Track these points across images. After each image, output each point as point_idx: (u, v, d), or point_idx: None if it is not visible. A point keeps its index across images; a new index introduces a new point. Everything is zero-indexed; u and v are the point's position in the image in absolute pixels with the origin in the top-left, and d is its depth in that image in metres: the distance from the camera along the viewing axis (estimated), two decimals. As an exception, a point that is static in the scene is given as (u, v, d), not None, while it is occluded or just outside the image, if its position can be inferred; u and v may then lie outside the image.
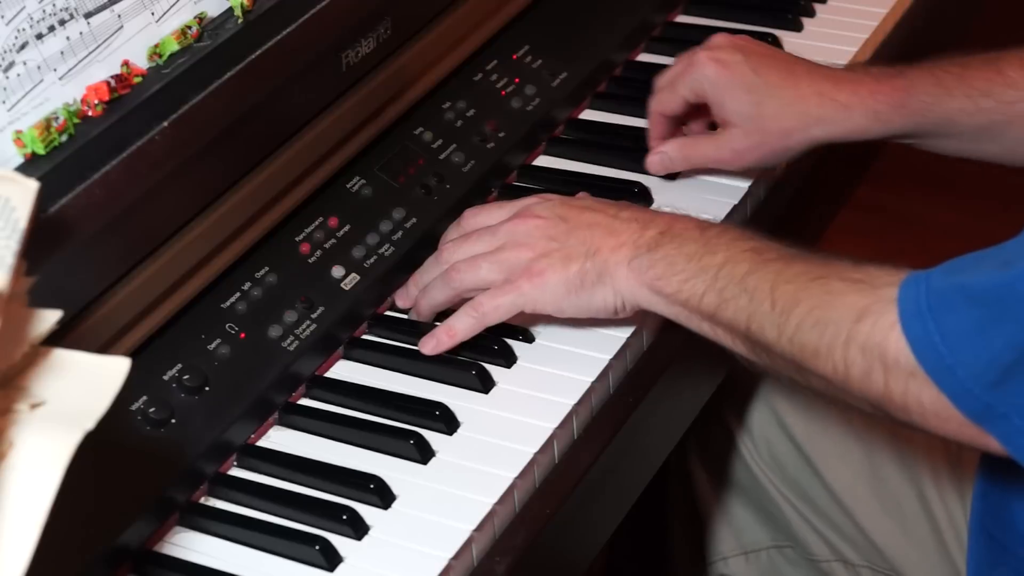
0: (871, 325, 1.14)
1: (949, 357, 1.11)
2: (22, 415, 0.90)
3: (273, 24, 1.33)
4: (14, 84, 1.18)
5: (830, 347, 1.17)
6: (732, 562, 1.71)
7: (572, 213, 1.35)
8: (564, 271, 1.32)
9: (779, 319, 1.21)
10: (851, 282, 1.18)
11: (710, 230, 1.30)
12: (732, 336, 1.27)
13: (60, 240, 1.15)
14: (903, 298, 1.14)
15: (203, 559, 1.21)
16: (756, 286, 1.23)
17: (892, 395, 1.14)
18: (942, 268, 1.15)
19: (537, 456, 1.27)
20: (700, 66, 1.49)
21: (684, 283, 1.28)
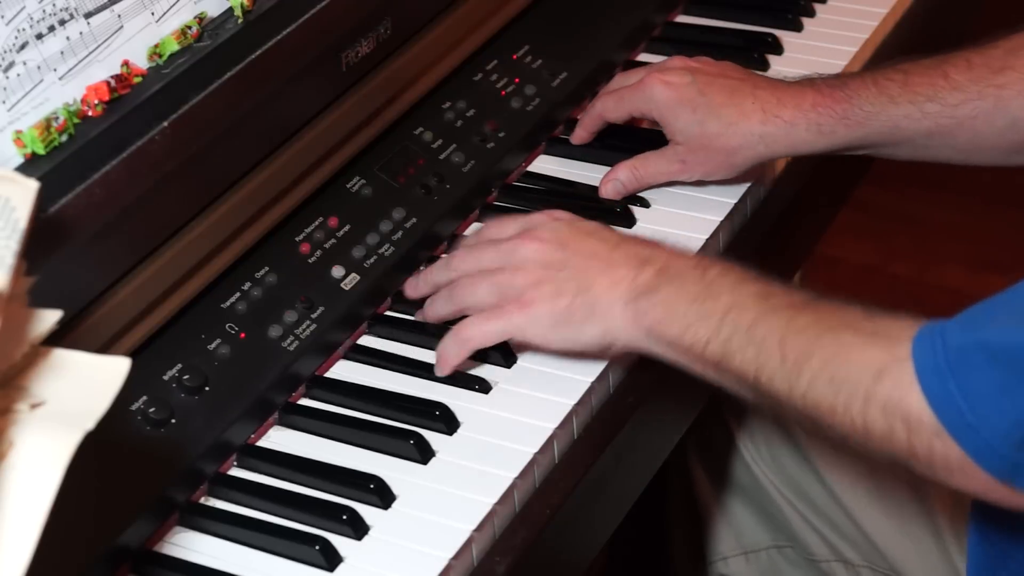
0: (891, 385, 1.12)
1: (972, 417, 1.08)
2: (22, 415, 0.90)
3: (273, 24, 1.33)
4: (14, 84, 1.18)
5: (847, 405, 1.14)
6: (732, 562, 1.71)
7: (573, 240, 1.33)
8: (553, 304, 1.30)
9: (791, 373, 1.18)
10: (865, 335, 1.15)
11: (711, 270, 1.27)
12: (739, 385, 1.24)
13: (60, 240, 1.15)
14: (919, 354, 1.11)
15: (203, 559, 1.21)
16: (764, 336, 1.20)
17: (917, 453, 1.12)
18: (957, 322, 1.12)
19: (537, 456, 1.27)
20: (648, 87, 1.51)
21: (686, 329, 1.25)
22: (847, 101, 1.46)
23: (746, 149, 1.48)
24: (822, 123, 1.46)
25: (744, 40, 1.75)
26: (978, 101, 1.44)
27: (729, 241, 1.52)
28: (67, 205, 1.16)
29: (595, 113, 1.57)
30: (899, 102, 1.45)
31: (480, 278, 1.34)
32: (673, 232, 1.49)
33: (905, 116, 1.45)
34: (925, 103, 1.45)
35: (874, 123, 1.46)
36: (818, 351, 1.17)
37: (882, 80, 1.47)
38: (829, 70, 1.68)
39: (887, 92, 1.46)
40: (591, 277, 1.30)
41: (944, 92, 1.44)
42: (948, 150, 1.48)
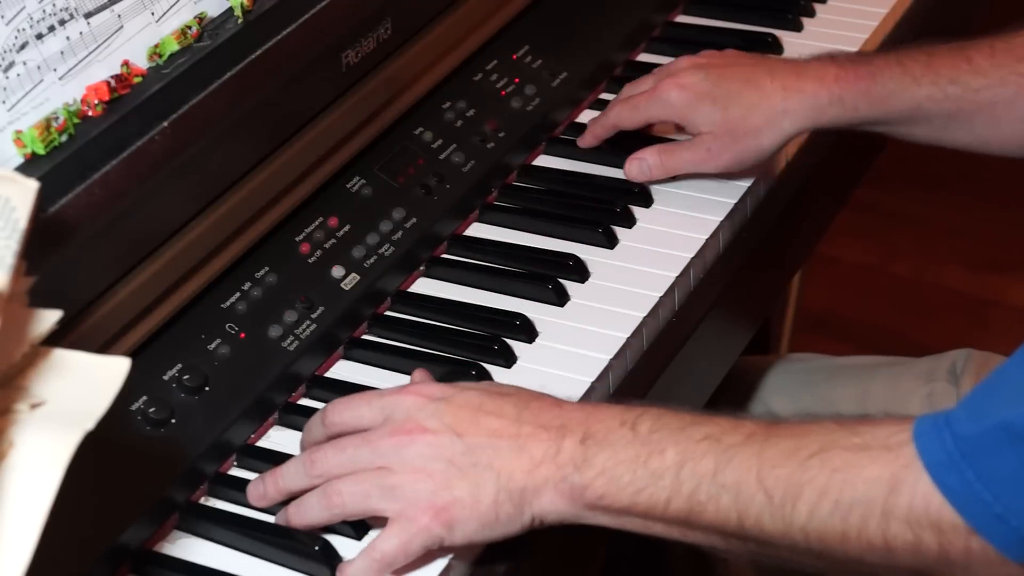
0: (909, 494, 1.04)
1: (997, 505, 1.01)
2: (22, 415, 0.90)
3: (273, 24, 1.33)
4: (14, 84, 1.18)
5: (861, 528, 1.06)
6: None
7: (465, 423, 1.16)
8: (475, 507, 1.14)
9: (782, 511, 1.08)
10: (854, 451, 1.07)
11: (641, 424, 1.14)
12: (715, 535, 1.13)
13: (60, 240, 1.15)
14: (926, 452, 1.04)
15: (203, 559, 1.21)
16: (737, 479, 1.10)
17: (951, 557, 1.04)
18: (963, 411, 1.05)
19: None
20: (663, 92, 1.51)
21: (637, 495, 1.12)
22: (870, 78, 1.46)
23: (771, 126, 1.48)
24: (844, 97, 1.46)
25: (744, 40, 1.75)
26: (999, 88, 1.45)
27: (729, 241, 1.52)
28: (67, 205, 1.16)
29: (609, 123, 1.56)
30: (922, 82, 1.46)
31: (367, 481, 1.16)
32: (673, 232, 1.49)
33: (927, 97, 1.46)
34: (948, 85, 1.45)
35: (896, 101, 1.46)
36: (808, 481, 1.08)
37: (906, 59, 1.47)
38: (829, 70, 1.69)
39: (911, 72, 1.46)
40: (506, 464, 1.15)
41: (967, 76, 1.45)
42: (966, 135, 1.49)
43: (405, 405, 1.18)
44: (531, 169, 1.60)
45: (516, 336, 1.39)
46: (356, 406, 1.21)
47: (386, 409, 1.19)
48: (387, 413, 1.19)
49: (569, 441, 1.15)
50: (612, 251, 1.49)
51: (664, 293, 1.42)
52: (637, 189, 1.54)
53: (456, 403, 1.18)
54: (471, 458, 1.15)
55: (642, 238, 1.50)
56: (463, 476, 1.15)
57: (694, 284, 1.47)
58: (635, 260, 1.47)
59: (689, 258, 1.46)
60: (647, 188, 1.54)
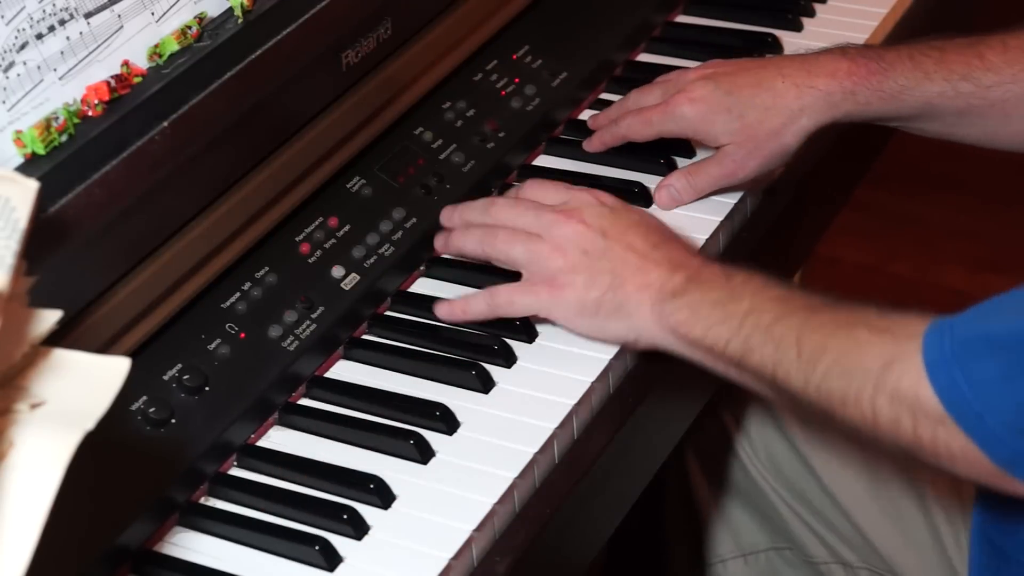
0: (899, 375, 1.15)
1: (977, 404, 1.11)
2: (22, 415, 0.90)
3: (273, 24, 1.33)
4: (14, 84, 1.18)
5: (857, 396, 1.17)
6: (730, 564, 1.71)
7: (616, 230, 1.35)
8: (584, 293, 1.33)
9: (806, 367, 1.21)
10: (877, 331, 1.18)
11: (735, 277, 1.30)
12: (758, 381, 1.27)
13: (60, 240, 1.15)
14: (928, 347, 1.14)
15: (203, 559, 1.21)
16: (782, 335, 1.23)
17: (922, 442, 1.15)
18: (966, 315, 1.15)
19: (537, 456, 1.27)
20: (676, 107, 1.51)
21: (708, 330, 1.28)
22: (882, 73, 1.47)
23: (791, 125, 1.48)
24: (857, 92, 1.47)
25: (744, 40, 1.75)
26: (1011, 84, 1.45)
27: (729, 241, 1.52)
28: (67, 205, 1.16)
29: (619, 134, 1.55)
30: (934, 78, 1.46)
31: (518, 238, 1.37)
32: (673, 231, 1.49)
33: (939, 93, 1.46)
34: (959, 81, 1.46)
35: (907, 97, 1.47)
36: (832, 346, 1.20)
37: (918, 55, 1.47)
38: (829, 70, 1.69)
39: (922, 67, 1.47)
40: (625, 275, 1.33)
41: (979, 72, 1.45)
42: (977, 131, 1.49)
43: (582, 198, 1.39)
44: (531, 169, 1.60)
45: (517, 336, 1.39)
46: (552, 187, 1.41)
47: (567, 195, 1.39)
48: (566, 198, 1.39)
49: (679, 275, 1.32)
50: (612, 251, 1.48)
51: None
52: (637, 189, 1.54)
53: (618, 214, 1.37)
54: (603, 256, 1.34)
55: (642, 238, 1.50)
56: (588, 267, 1.34)
57: (694, 284, 1.47)
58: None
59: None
60: (647, 188, 1.54)
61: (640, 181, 1.55)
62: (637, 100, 1.57)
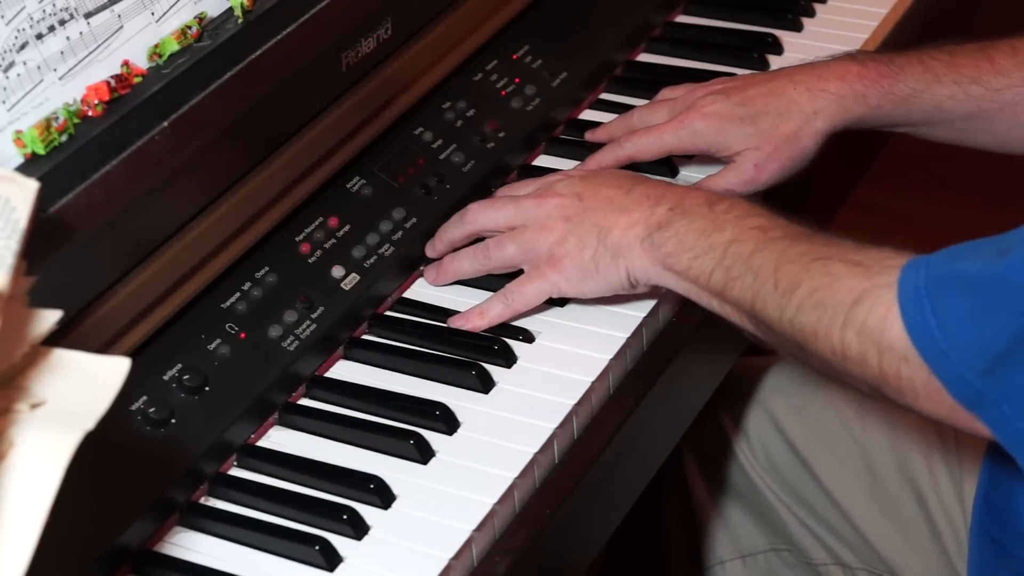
0: (867, 309, 1.15)
1: (943, 342, 1.11)
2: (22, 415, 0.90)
3: (273, 24, 1.33)
4: (14, 84, 1.18)
5: (828, 329, 1.18)
6: (729, 566, 1.71)
7: (588, 190, 1.37)
8: (580, 257, 1.35)
9: (781, 299, 1.22)
10: (851, 264, 1.19)
11: (719, 205, 1.31)
12: (739, 313, 1.28)
13: (60, 240, 1.15)
14: (903, 282, 1.15)
15: (203, 559, 1.21)
16: (761, 265, 1.24)
17: (886, 377, 1.16)
18: (942, 254, 1.15)
19: (537, 456, 1.27)
20: (688, 123, 1.50)
21: (693, 260, 1.29)
22: (892, 76, 1.47)
23: (806, 127, 1.48)
24: (868, 95, 1.47)
25: (744, 40, 1.75)
26: (1021, 87, 1.46)
27: (729, 241, 1.51)
28: (67, 205, 1.16)
29: (624, 154, 1.53)
30: (944, 81, 1.47)
31: (507, 238, 1.39)
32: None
33: (949, 96, 1.47)
34: (969, 85, 1.46)
35: (918, 100, 1.47)
36: (806, 279, 1.21)
37: (928, 59, 1.48)
38: (829, 70, 1.69)
39: (933, 71, 1.47)
40: (609, 222, 1.34)
41: (988, 75, 1.46)
42: (986, 135, 1.50)
43: (551, 178, 1.42)
44: (531, 169, 1.60)
45: (516, 336, 1.39)
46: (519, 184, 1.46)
47: (538, 182, 1.42)
48: (538, 184, 1.42)
49: (662, 207, 1.33)
50: (612, 251, 1.48)
51: (664, 292, 1.42)
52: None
53: (588, 178, 1.40)
54: (584, 216, 1.36)
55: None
56: (575, 231, 1.36)
57: (694, 284, 1.47)
58: (635, 260, 1.47)
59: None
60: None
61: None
62: (643, 118, 1.55)
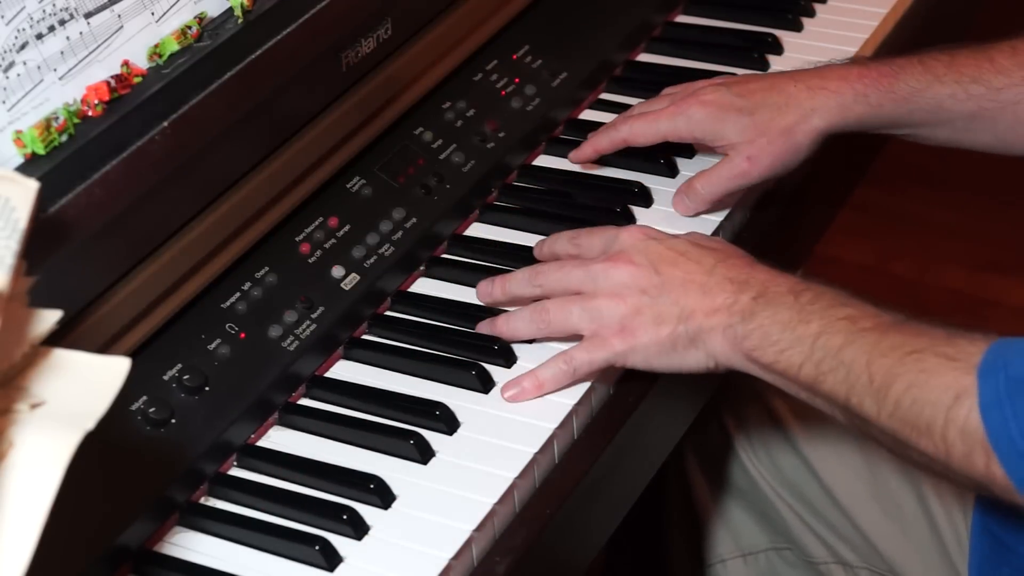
0: (969, 408, 1.13)
1: (1021, 443, 1.10)
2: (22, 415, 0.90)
3: (273, 24, 1.33)
4: (14, 84, 1.18)
5: (929, 427, 1.15)
6: (730, 564, 1.71)
7: (666, 264, 1.32)
8: (656, 332, 1.30)
9: (878, 395, 1.19)
10: (945, 359, 1.16)
11: (804, 295, 1.27)
12: (831, 406, 1.25)
13: (60, 240, 1.15)
14: (983, 382, 1.13)
15: (203, 559, 1.22)
16: (853, 359, 1.21)
17: (995, 478, 1.13)
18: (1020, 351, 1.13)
19: (537, 456, 1.27)
20: (686, 108, 1.50)
21: (780, 354, 1.26)
22: (893, 76, 1.47)
23: (803, 123, 1.48)
24: (869, 94, 1.47)
25: (744, 40, 1.75)
26: (1022, 86, 1.45)
27: (730, 240, 1.51)
28: (67, 205, 1.16)
29: (619, 137, 1.53)
30: (945, 81, 1.47)
31: (572, 303, 1.33)
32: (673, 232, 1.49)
33: (950, 96, 1.47)
34: (970, 84, 1.46)
35: (919, 100, 1.47)
36: (903, 373, 1.18)
37: (928, 60, 1.48)
38: (829, 70, 1.69)
39: (933, 71, 1.47)
40: (690, 303, 1.30)
41: (989, 75, 1.46)
42: (988, 136, 1.50)
43: (624, 239, 1.35)
44: (531, 169, 1.60)
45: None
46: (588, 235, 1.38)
47: (607, 240, 1.36)
48: (607, 244, 1.36)
49: (746, 295, 1.29)
50: (612, 251, 1.48)
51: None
52: (637, 189, 1.54)
53: (665, 244, 1.34)
54: (662, 291, 1.31)
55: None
56: (652, 306, 1.30)
57: (694, 284, 1.47)
58: (635, 260, 1.47)
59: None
60: (647, 188, 1.54)
61: (640, 181, 1.55)
62: (642, 109, 1.56)
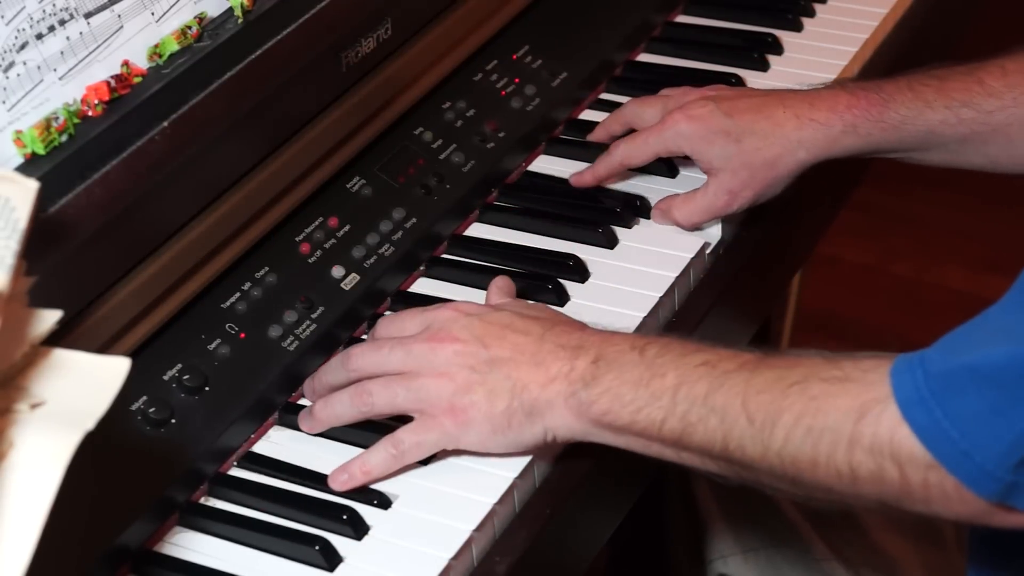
0: (874, 424, 1.09)
1: (963, 442, 1.06)
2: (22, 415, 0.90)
3: (273, 24, 1.33)
4: (14, 84, 1.18)
5: (829, 455, 1.11)
6: (731, 561, 1.71)
7: (492, 336, 1.25)
8: (489, 409, 1.23)
9: (761, 434, 1.14)
10: (833, 382, 1.12)
11: (649, 349, 1.22)
12: (703, 458, 1.20)
13: (60, 240, 1.15)
14: (899, 387, 1.09)
15: (203, 559, 1.22)
16: (725, 403, 1.16)
17: (911, 489, 1.10)
18: (936, 349, 1.10)
19: (537, 456, 1.27)
20: (673, 124, 1.49)
21: (637, 413, 1.20)
22: (882, 104, 1.45)
23: (787, 156, 1.46)
24: (858, 124, 1.45)
25: (744, 40, 1.75)
26: (1013, 108, 1.44)
27: (730, 241, 1.52)
28: (67, 205, 1.16)
29: (615, 162, 1.53)
30: (935, 107, 1.45)
31: (395, 382, 1.26)
32: (673, 232, 1.49)
33: (941, 121, 1.45)
34: (960, 108, 1.44)
35: (910, 127, 1.45)
36: (787, 406, 1.13)
37: (917, 85, 1.46)
38: (829, 70, 1.69)
39: (923, 97, 1.45)
40: (523, 376, 1.23)
41: (979, 98, 1.44)
42: (981, 157, 1.48)
43: (442, 317, 1.28)
44: (532, 176, 1.60)
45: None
46: (402, 318, 1.31)
47: (426, 320, 1.28)
48: (427, 323, 1.28)
49: (582, 360, 1.22)
50: (612, 251, 1.49)
51: (664, 293, 1.42)
52: (639, 203, 1.53)
53: (488, 319, 1.27)
54: (492, 367, 1.24)
55: (642, 238, 1.50)
56: (482, 382, 1.23)
57: (694, 284, 1.47)
58: (635, 260, 1.47)
59: (689, 258, 1.46)
60: (647, 201, 1.54)
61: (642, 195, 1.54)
62: (636, 113, 1.55)
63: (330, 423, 1.29)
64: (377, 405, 1.26)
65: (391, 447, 1.24)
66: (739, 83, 1.68)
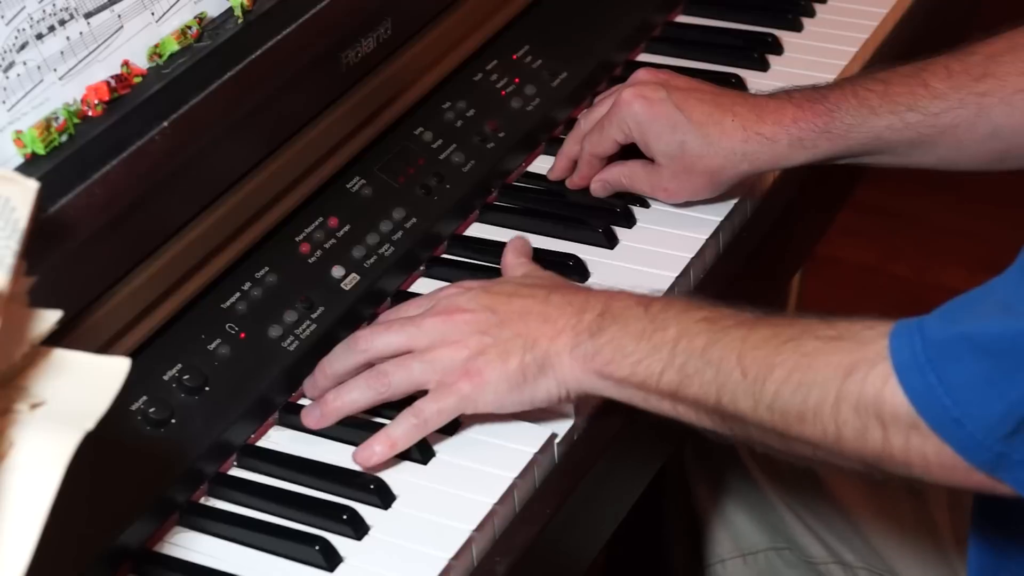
0: (861, 382, 1.11)
1: (955, 409, 1.07)
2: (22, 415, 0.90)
3: (273, 24, 1.33)
4: (14, 84, 1.18)
5: (816, 410, 1.13)
6: (730, 564, 1.71)
7: (499, 302, 1.28)
8: (504, 367, 1.25)
9: (753, 387, 1.16)
10: (827, 340, 1.14)
11: (653, 305, 1.24)
12: (698, 412, 1.22)
13: (60, 240, 1.15)
14: (896, 350, 1.10)
15: (203, 559, 1.22)
16: (721, 356, 1.18)
17: (892, 450, 1.11)
18: (936, 316, 1.11)
19: (537, 456, 1.27)
20: (626, 105, 1.48)
21: (637, 365, 1.22)
22: (828, 115, 1.45)
23: (729, 168, 1.46)
24: (804, 137, 1.45)
25: (744, 40, 1.75)
26: (959, 109, 1.42)
27: (729, 241, 1.52)
28: (67, 205, 1.16)
29: (587, 157, 1.53)
30: (880, 113, 1.44)
31: (410, 359, 1.27)
32: (673, 232, 1.49)
33: (887, 127, 1.44)
34: (906, 113, 1.43)
35: (856, 135, 1.45)
36: (780, 361, 1.15)
37: (862, 91, 1.45)
38: (829, 70, 1.69)
39: (868, 103, 1.44)
40: (533, 333, 1.26)
41: (925, 101, 1.43)
42: (931, 158, 1.47)
43: (447, 293, 1.31)
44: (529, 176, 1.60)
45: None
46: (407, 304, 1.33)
47: (431, 299, 1.31)
48: (432, 302, 1.30)
49: (589, 314, 1.25)
50: (612, 251, 1.49)
51: (664, 293, 1.42)
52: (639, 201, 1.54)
53: (493, 290, 1.30)
54: (502, 328, 1.26)
55: (642, 238, 1.50)
56: (494, 344, 1.26)
57: (694, 284, 1.47)
58: (635, 260, 1.47)
59: (689, 258, 1.46)
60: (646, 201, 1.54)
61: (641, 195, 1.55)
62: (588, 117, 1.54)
63: (344, 412, 1.29)
64: (394, 384, 1.27)
65: (412, 417, 1.25)
66: (739, 83, 1.68)
